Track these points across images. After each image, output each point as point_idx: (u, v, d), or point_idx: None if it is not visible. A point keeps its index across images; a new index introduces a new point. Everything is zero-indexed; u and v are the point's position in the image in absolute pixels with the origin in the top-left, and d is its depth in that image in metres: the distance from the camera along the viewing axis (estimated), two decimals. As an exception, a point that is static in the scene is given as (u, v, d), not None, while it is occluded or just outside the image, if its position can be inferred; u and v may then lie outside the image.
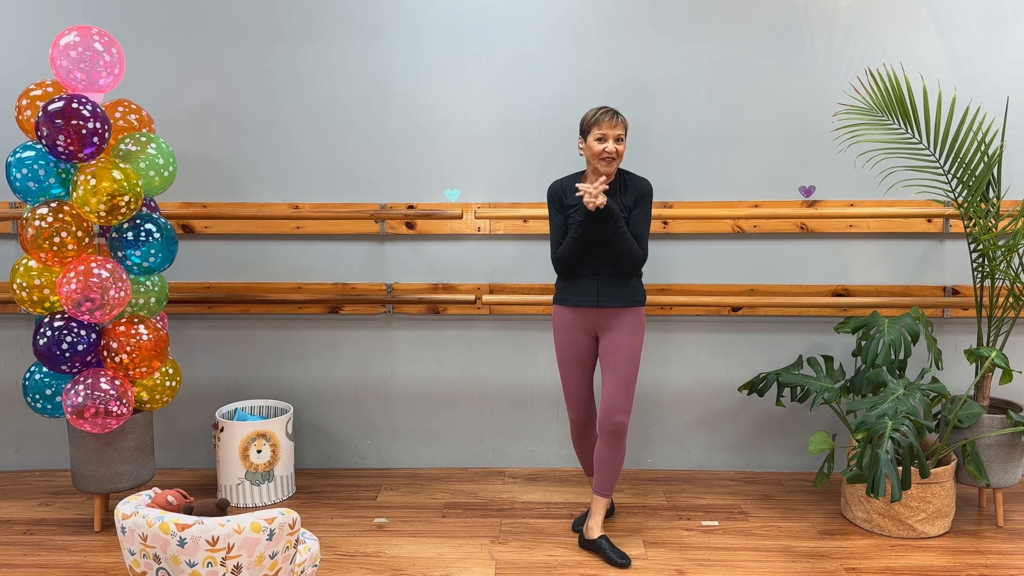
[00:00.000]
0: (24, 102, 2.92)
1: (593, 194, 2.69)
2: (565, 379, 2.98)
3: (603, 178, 2.77)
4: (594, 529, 2.95)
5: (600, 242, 2.80)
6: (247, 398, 3.72)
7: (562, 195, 2.87)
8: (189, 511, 2.20)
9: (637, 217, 2.82)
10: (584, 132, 2.80)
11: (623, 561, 2.85)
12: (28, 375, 2.99)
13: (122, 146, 2.99)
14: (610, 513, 3.20)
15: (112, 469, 3.04)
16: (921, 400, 2.91)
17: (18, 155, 2.84)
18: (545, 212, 3.44)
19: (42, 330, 2.89)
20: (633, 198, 2.83)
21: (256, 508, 3.36)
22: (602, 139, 2.75)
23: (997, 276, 3.12)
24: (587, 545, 2.96)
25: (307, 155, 3.55)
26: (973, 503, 3.36)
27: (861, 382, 3.19)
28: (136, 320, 2.99)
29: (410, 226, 3.56)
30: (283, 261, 3.62)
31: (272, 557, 2.11)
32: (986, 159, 3.03)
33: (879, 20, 3.40)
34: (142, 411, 3.13)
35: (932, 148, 3.13)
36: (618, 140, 2.76)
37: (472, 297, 3.50)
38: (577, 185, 2.78)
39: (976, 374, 3.29)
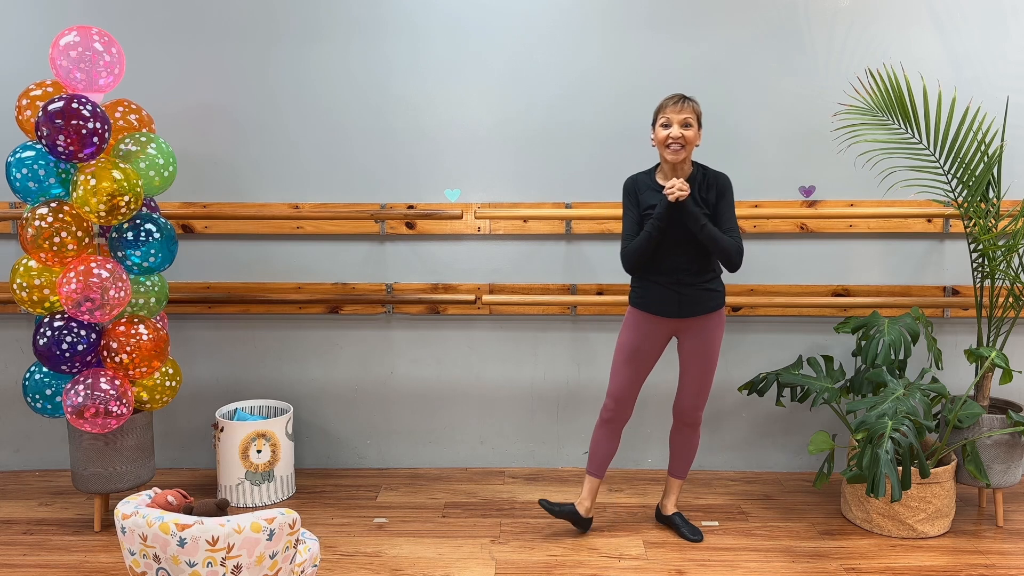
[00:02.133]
0: (24, 102, 2.92)
1: (680, 187, 2.68)
2: (618, 373, 2.94)
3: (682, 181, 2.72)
4: (669, 507, 3.14)
5: (676, 242, 2.78)
6: (247, 398, 3.71)
7: (636, 190, 2.86)
8: (189, 511, 2.20)
9: (724, 210, 2.82)
10: (653, 122, 2.80)
11: (696, 537, 3.03)
12: (28, 375, 2.99)
13: (122, 146, 2.99)
14: (587, 524, 3.10)
15: (112, 469, 3.04)
16: (921, 400, 2.91)
17: (18, 155, 2.84)
18: (544, 212, 3.45)
19: (42, 330, 2.89)
20: (716, 192, 2.82)
21: (256, 508, 3.36)
22: (667, 124, 2.74)
23: (997, 276, 3.12)
24: (663, 520, 3.16)
25: (307, 155, 3.55)
26: (973, 503, 3.36)
27: (861, 382, 3.19)
28: (136, 320, 2.99)
29: (410, 226, 3.56)
30: (283, 261, 3.62)
31: (272, 557, 2.11)
32: (986, 159, 3.03)
33: (879, 20, 3.40)
34: (142, 411, 3.13)
35: (932, 148, 3.13)
36: (685, 125, 2.72)
37: (472, 297, 3.50)
38: (671, 181, 2.73)
39: (976, 374, 3.29)
